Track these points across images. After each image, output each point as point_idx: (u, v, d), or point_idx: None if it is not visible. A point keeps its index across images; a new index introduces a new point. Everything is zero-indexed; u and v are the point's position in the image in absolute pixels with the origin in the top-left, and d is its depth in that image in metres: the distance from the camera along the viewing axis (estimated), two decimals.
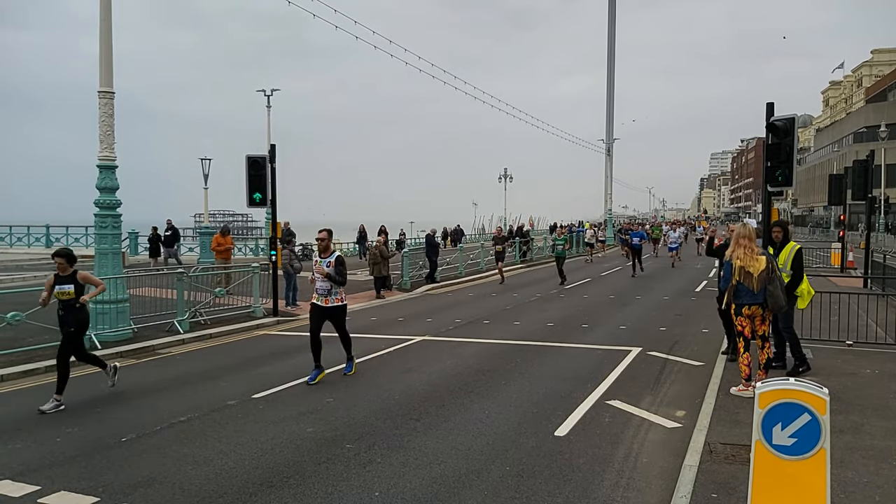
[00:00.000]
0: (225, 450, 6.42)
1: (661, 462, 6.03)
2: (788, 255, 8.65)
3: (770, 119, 10.09)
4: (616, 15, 53.38)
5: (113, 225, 12.13)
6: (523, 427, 7.04)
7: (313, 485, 5.56)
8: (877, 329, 11.60)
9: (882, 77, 78.86)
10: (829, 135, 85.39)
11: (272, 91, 36.04)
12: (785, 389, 4.02)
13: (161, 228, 26.92)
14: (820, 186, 68.94)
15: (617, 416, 7.42)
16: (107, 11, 11.75)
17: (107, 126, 11.83)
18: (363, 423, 7.23)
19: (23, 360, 10.08)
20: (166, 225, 27.18)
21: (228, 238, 20.29)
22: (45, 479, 5.72)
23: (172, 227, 27.18)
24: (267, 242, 22.62)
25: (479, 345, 11.73)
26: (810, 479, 3.92)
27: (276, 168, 14.59)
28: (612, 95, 54.66)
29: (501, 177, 60.74)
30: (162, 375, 9.78)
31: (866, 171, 21.18)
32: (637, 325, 13.61)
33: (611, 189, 56.34)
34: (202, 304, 14.06)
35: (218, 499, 5.32)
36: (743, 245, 7.77)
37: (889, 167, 53.34)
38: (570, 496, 5.31)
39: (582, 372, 9.52)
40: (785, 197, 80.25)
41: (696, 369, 9.56)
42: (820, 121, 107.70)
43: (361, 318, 15.29)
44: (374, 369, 9.92)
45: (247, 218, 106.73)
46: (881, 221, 49.49)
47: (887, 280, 16.92)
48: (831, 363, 9.25)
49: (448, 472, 5.82)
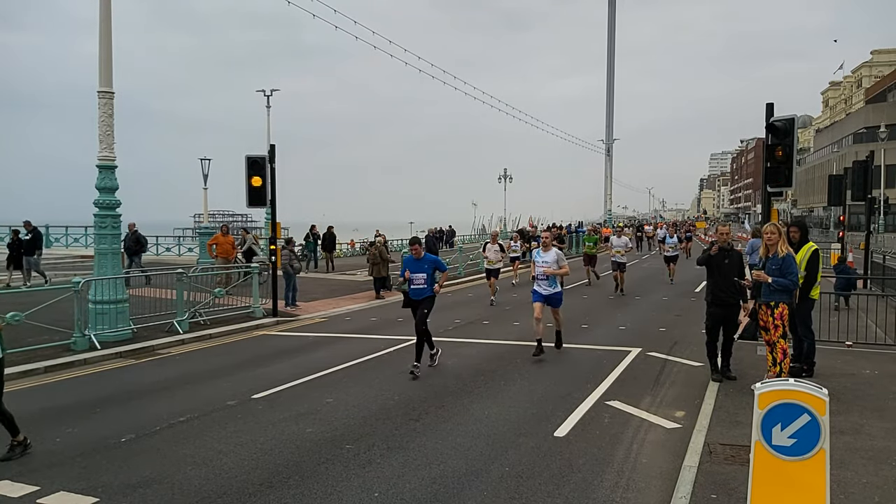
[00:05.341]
0: (224, 450, 6.42)
1: (661, 462, 6.03)
2: (805, 255, 8.62)
3: (770, 120, 10.10)
4: (616, 15, 53.41)
5: (112, 225, 12.13)
6: (523, 427, 7.04)
7: (313, 485, 5.56)
8: (876, 330, 11.60)
9: (882, 78, 78.86)
10: (829, 135, 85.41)
11: (272, 91, 36.08)
12: (784, 390, 4.01)
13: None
14: (820, 187, 68.97)
15: (616, 416, 7.42)
16: (106, 12, 11.75)
17: (106, 126, 11.83)
18: (363, 423, 7.23)
19: (23, 360, 10.07)
20: (25, 228, 21.07)
21: (230, 237, 20.24)
22: (44, 479, 5.72)
23: (33, 230, 20.99)
24: (266, 243, 22.48)
25: (479, 345, 11.73)
26: (810, 480, 3.92)
27: (275, 168, 14.59)
28: (611, 95, 54.72)
29: (501, 177, 60.78)
30: (161, 376, 9.77)
31: (866, 171, 21.17)
32: (637, 326, 13.61)
33: (610, 189, 56.41)
34: (202, 305, 14.05)
35: (217, 499, 5.32)
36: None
37: (889, 168, 53.42)
38: (570, 497, 5.31)
39: (581, 372, 9.52)
40: (785, 198, 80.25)
41: (696, 370, 9.56)
42: (820, 121, 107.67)
43: (361, 319, 15.29)
44: (374, 370, 9.92)
45: (247, 218, 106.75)
46: (881, 222, 49.51)
47: (887, 281, 16.93)
48: (831, 364, 9.24)
49: (447, 472, 5.82)
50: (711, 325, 8.80)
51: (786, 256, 7.82)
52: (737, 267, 8.73)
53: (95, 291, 11.69)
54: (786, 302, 7.88)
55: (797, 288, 8.08)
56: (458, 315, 15.35)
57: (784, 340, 7.96)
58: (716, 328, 8.75)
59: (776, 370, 7.83)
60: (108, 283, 11.82)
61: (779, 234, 7.93)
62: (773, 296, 7.88)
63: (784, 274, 7.75)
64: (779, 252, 7.86)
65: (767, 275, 7.85)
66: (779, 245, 7.88)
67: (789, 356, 8.08)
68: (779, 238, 7.90)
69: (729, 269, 8.58)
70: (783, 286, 7.79)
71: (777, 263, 7.81)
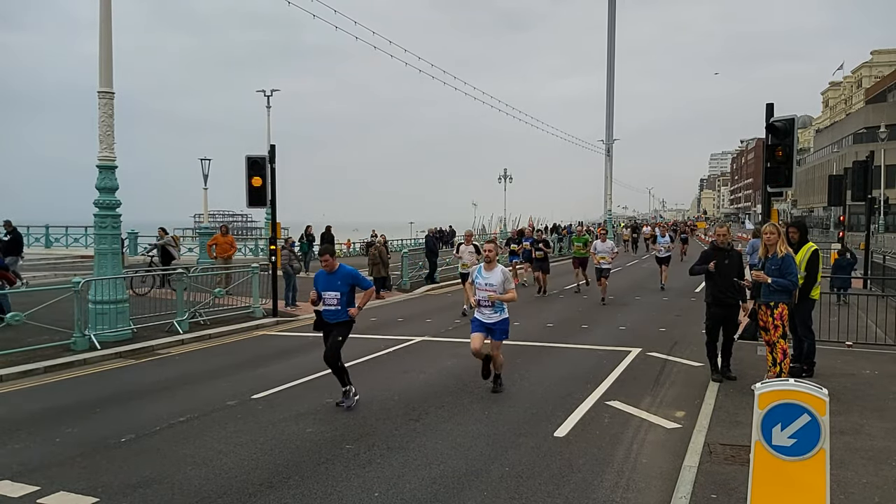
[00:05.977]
0: (224, 450, 6.42)
1: (661, 463, 6.03)
2: (804, 256, 8.63)
3: (770, 120, 10.11)
4: (616, 14, 53.35)
5: (112, 225, 12.13)
6: (523, 427, 7.04)
7: (313, 485, 5.56)
8: (876, 330, 11.61)
9: (882, 78, 78.85)
10: (829, 135, 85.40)
11: (272, 91, 36.05)
12: (784, 390, 4.01)
13: None
14: (820, 187, 68.95)
15: (616, 416, 7.42)
16: (107, 12, 11.75)
17: (106, 126, 11.83)
18: (363, 423, 7.23)
19: (23, 360, 10.07)
20: (4, 228, 19.44)
21: (230, 237, 20.22)
22: (44, 479, 5.71)
23: (13, 231, 19.25)
24: (266, 242, 22.05)
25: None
26: (810, 480, 3.92)
27: (275, 168, 14.59)
28: (611, 95, 54.55)
29: (501, 177, 60.74)
30: (161, 376, 9.77)
31: (866, 171, 21.20)
32: (637, 326, 13.61)
33: (611, 189, 56.26)
34: (202, 305, 14.05)
35: (217, 499, 5.32)
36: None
37: (888, 168, 53.38)
38: (570, 497, 5.31)
39: (581, 372, 9.52)
40: (785, 198, 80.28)
41: (696, 370, 9.56)
42: (820, 122, 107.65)
43: (361, 319, 15.21)
44: (373, 370, 9.92)
45: (247, 218, 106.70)
46: (881, 222, 49.51)
47: (887, 281, 16.94)
48: (831, 364, 9.24)
49: (447, 472, 5.82)
50: (711, 326, 8.80)
51: (785, 256, 7.82)
52: (736, 267, 8.73)
53: (95, 291, 11.69)
54: (785, 302, 7.88)
55: (796, 288, 8.08)
56: (459, 315, 15.35)
57: (784, 340, 7.96)
58: (716, 328, 8.75)
59: (776, 370, 7.84)
60: (108, 283, 11.82)
61: (778, 235, 7.94)
62: (773, 296, 7.88)
63: (783, 274, 7.75)
64: (778, 252, 7.86)
65: (767, 275, 7.85)
66: (778, 245, 7.88)
67: (789, 356, 8.08)
68: (778, 238, 7.91)
69: (728, 270, 8.58)
70: (782, 286, 7.79)
71: (776, 264, 7.81)
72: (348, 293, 7.84)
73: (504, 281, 8.17)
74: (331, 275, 7.80)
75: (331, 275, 7.80)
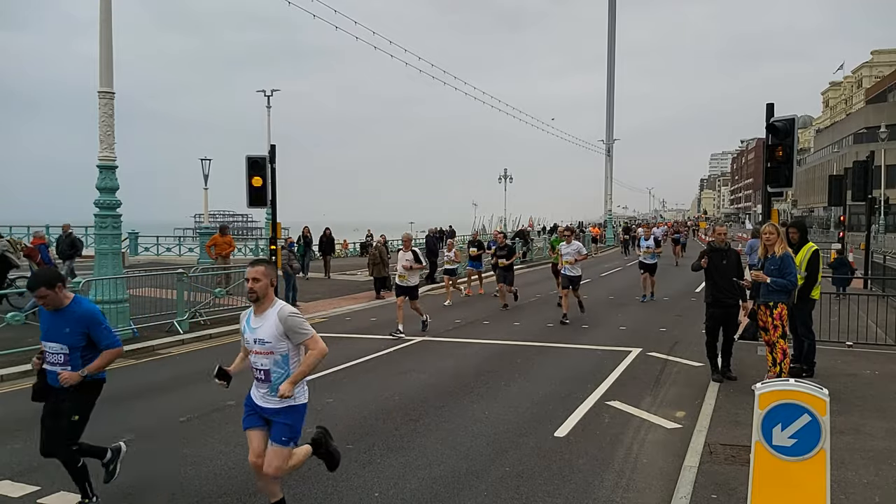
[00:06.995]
0: (225, 450, 6.42)
1: (661, 463, 6.03)
2: (805, 256, 8.62)
3: (770, 120, 10.10)
4: (616, 14, 53.39)
5: (113, 225, 12.14)
6: (523, 428, 7.04)
7: (313, 485, 5.55)
8: (877, 330, 11.60)
9: (882, 78, 78.86)
10: (830, 136, 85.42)
11: (272, 91, 36.06)
12: (785, 390, 4.02)
13: None
14: (820, 187, 68.91)
15: (617, 416, 7.42)
16: (107, 13, 11.76)
17: (107, 126, 11.84)
18: (363, 423, 7.23)
19: (23, 360, 10.05)
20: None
21: (229, 237, 20.23)
22: (45, 479, 5.72)
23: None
24: (266, 242, 22.00)
25: (479, 345, 11.72)
26: (810, 480, 3.92)
27: (275, 168, 14.60)
28: (612, 95, 54.65)
29: (501, 177, 60.77)
30: (161, 376, 9.77)
31: (866, 171, 21.20)
32: (637, 326, 13.61)
33: (611, 190, 56.39)
34: (202, 305, 14.05)
35: (218, 499, 5.32)
36: None
37: (889, 168, 53.37)
38: (570, 497, 5.31)
39: (582, 372, 9.52)
40: (785, 198, 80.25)
41: (696, 370, 9.56)
42: (820, 122, 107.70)
43: (361, 319, 15.29)
44: (374, 370, 9.92)
45: (247, 218, 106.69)
46: (881, 222, 49.49)
47: (887, 281, 16.93)
48: (831, 364, 9.24)
49: (448, 472, 5.82)
50: (711, 326, 8.81)
51: (784, 256, 7.82)
52: (735, 267, 8.74)
53: (95, 291, 11.69)
54: (784, 302, 7.88)
55: (795, 288, 8.08)
56: (459, 315, 15.36)
57: (784, 340, 7.96)
58: (716, 328, 8.75)
59: (776, 370, 7.84)
60: (108, 283, 11.82)
61: (777, 235, 7.94)
62: (772, 296, 7.88)
63: (783, 274, 7.75)
64: (777, 252, 7.86)
65: (766, 275, 7.85)
66: (777, 245, 7.88)
67: (789, 356, 8.08)
68: (777, 238, 7.91)
69: (727, 270, 8.59)
70: (782, 286, 7.79)
71: (775, 263, 7.81)
72: (82, 349, 4.96)
73: (286, 332, 4.56)
74: (57, 313, 4.94)
75: (57, 313, 4.94)
